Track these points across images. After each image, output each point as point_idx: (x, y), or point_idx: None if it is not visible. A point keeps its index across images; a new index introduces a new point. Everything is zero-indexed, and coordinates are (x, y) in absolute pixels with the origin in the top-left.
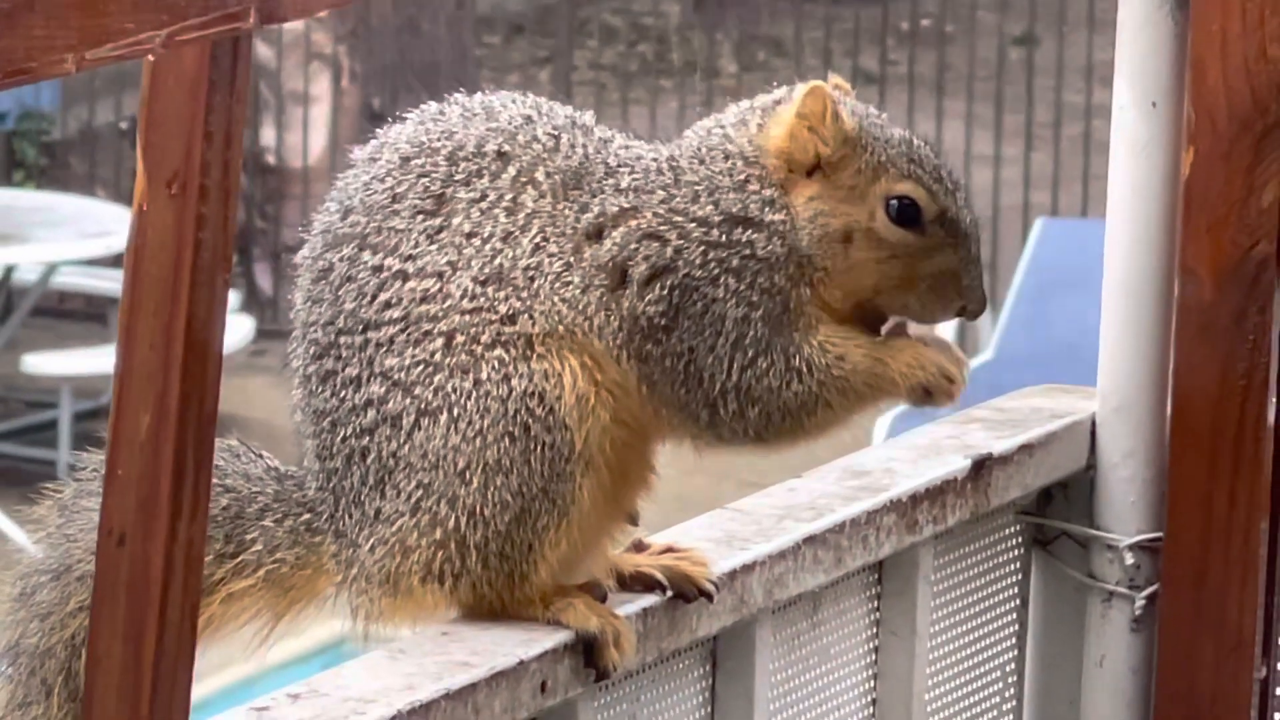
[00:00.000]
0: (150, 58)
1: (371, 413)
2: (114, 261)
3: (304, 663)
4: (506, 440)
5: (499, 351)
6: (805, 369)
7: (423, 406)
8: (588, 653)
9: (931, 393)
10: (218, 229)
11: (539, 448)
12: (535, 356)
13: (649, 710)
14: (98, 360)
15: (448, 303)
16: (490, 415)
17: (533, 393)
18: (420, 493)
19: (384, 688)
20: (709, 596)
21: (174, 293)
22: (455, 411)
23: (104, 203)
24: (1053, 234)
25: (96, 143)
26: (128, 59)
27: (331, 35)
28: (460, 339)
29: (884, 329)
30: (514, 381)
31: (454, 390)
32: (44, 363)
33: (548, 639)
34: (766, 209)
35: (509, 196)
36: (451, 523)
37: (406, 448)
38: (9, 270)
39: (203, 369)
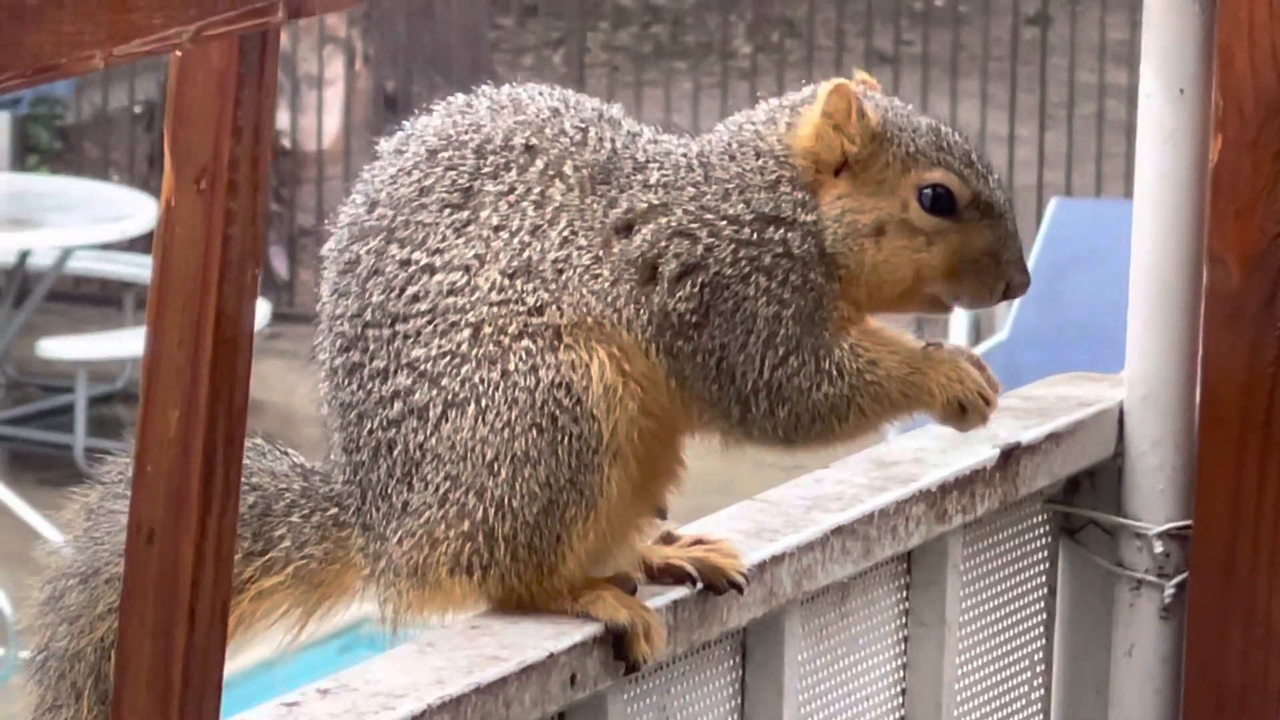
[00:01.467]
0: (178, 53)
1: (398, 405)
2: (128, 246)
3: (323, 645)
4: (534, 431)
5: (526, 342)
6: (836, 372)
7: (450, 398)
8: (617, 645)
9: (966, 410)
10: (247, 224)
11: (567, 438)
12: (563, 347)
13: (679, 702)
14: (113, 344)
15: (475, 295)
16: (518, 406)
17: (560, 383)
18: (448, 484)
19: (414, 682)
20: (739, 588)
21: (203, 288)
22: (483, 403)
23: (118, 187)
24: (1067, 213)
25: (110, 127)
26: (156, 54)
27: (345, 19)
28: (488, 330)
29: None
30: (541, 372)
31: (481, 381)
32: (59, 347)
33: (577, 632)
34: (799, 210)
35: (537, 190)
36: (479, 514)
37: (434, 439)
38: (24, 255)
39: (232, 365)
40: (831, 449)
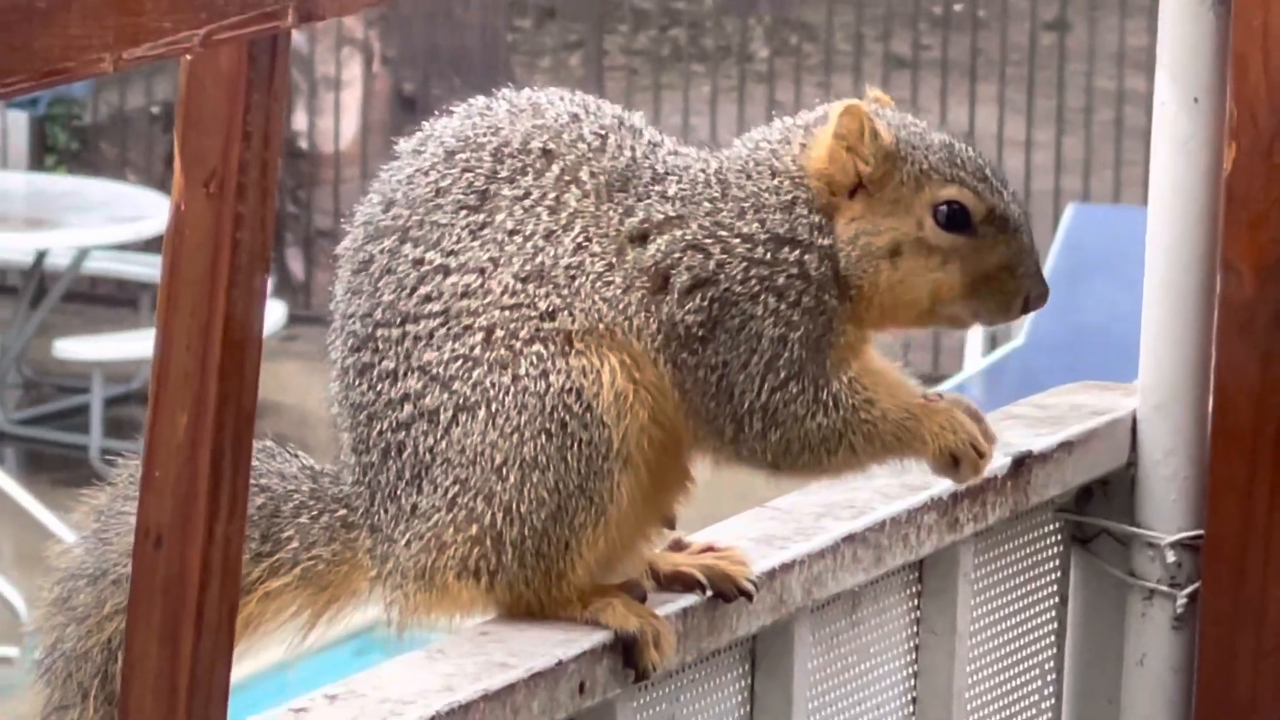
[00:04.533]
0: (188, 57)
1: (409, 407)
2: (145, 246)
3: (338, 648)
4: (544, 437)
5: (538, 347)
6: (832, 403)
7: (460, 402)
8: (627, 653)
9: (959, 461)
10: (256, 229)
11: (576, 444)
12: (574, 353)
13: (688, 710)
14: (129, 345)
15: (488, 298)
16: (528, 411)
17: (570, 389)
18: (457, 488)
19: (422, 689)
20: (749, 596)
21: (211, 292)
22: (493, 407)
23: (135, 187)
24: (1084, 219)
25: (128, 127)
26: (165, 58)
27: (363, 20)
28: (499, 334)
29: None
30: (552, 377)
31: (492, 385)
32: (75, 348)
33: (586, 639)
34: (815, 233)
35: (552, 195)
36: (488, 519)
37: (444, 443)
38: (41, 255)
39: (240, 369)
40: (818, 481)
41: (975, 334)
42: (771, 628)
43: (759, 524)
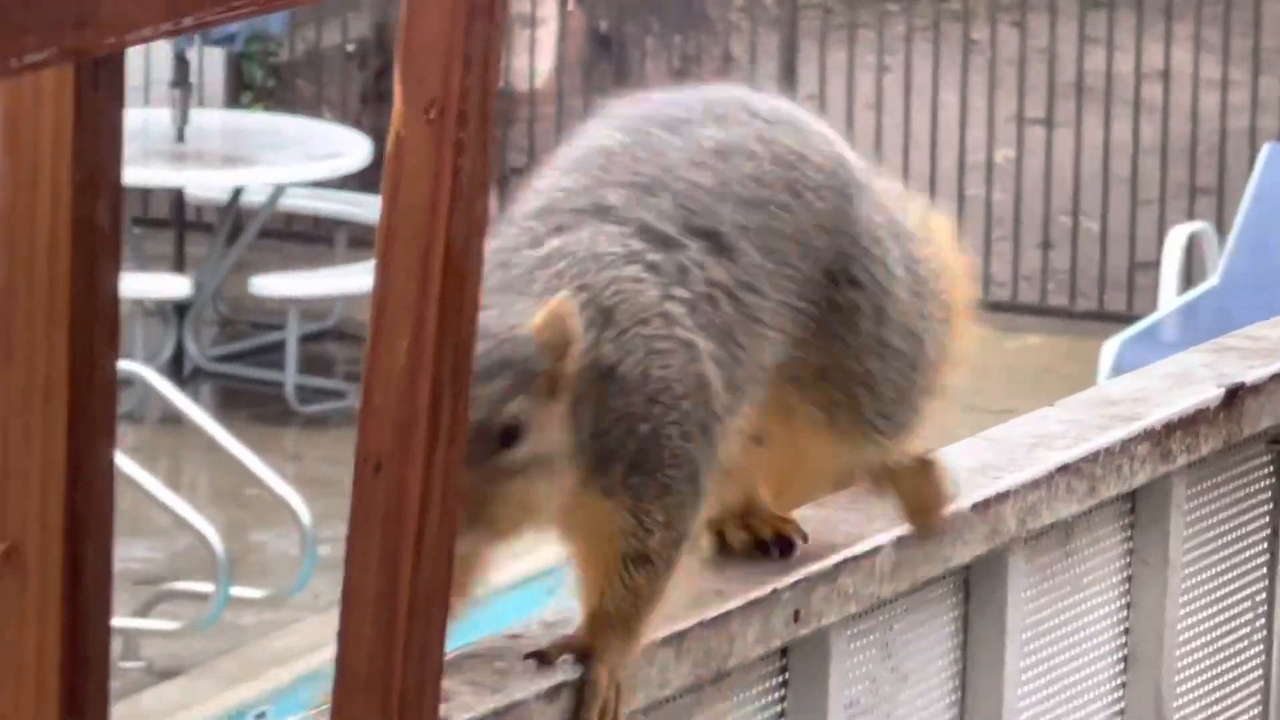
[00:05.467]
0: None
1: None
2: (341, 184)
3: (534, 584)
4: None
5: None
6: None
7: None
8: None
9: None
10: (476, 155)
11: None
12: None
13: (902, 639)
14: (324, 282)
15: None
16: None
17: None
18: None
19: None
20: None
21: (432, 219)
22: None
23: (331, 124)
24: None
25: (323, 65)
26: None
27: None
28: None
29: None
30: None
31: None
32: (271, 284)
33: (803, 569)
34: None
35: None
36: None
37: None
38: (237, 192)
39: (460, 296)
40: None
41: (1170, 273)
42: (985, 557)
43: (974, 454)
